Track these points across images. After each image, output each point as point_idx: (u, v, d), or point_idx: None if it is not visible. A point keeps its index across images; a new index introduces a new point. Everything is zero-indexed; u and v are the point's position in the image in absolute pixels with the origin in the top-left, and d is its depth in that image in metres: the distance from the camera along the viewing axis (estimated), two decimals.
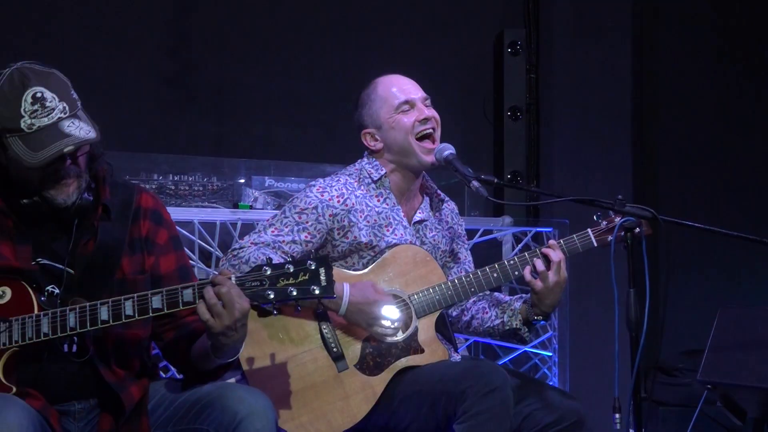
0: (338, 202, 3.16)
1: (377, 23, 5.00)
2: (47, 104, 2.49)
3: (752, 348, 3.89)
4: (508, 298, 3.32)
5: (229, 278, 2.50)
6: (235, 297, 2.48)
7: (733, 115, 5.46)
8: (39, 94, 2.49)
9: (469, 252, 3.49)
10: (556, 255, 3.09)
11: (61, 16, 4.38)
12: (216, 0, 4.73)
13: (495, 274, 3.15)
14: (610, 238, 3.08)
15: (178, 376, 2.88)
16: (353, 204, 3.18)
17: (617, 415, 2.89)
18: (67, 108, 2.52)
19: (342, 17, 4.93)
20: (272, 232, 3.10)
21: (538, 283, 3.09)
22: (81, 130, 2.51)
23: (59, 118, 2.50)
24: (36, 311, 2.51)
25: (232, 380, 3.10)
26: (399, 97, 3.23)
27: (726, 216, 4.91)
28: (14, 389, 2.46)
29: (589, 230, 3.17)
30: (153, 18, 4.58)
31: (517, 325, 3.21)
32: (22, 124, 2.47)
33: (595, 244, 3.16)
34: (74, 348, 2.58)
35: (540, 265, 3.09)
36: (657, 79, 5.44)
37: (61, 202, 2.57)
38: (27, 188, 2.57)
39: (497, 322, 3.26)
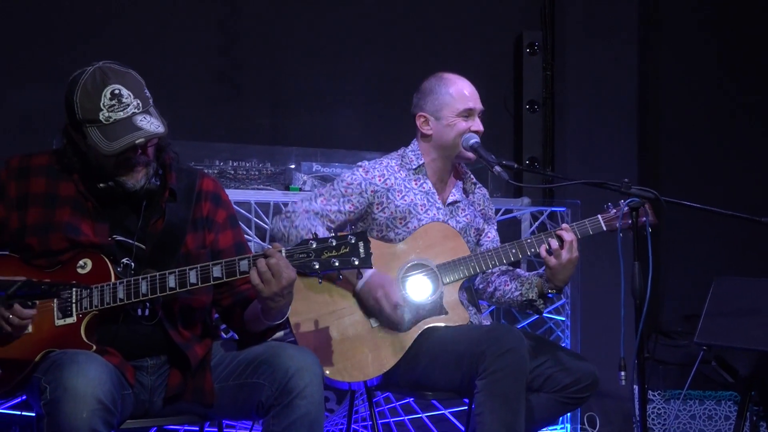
0: (379, 180, 3.21)
1: (412, 26, 4.98)
2: (123, 100, 2.50)
3: (744, 314, 3.86)
4: (527, 273, 3.32)
5: (279, 251, 2.50)
6: (283, 267, 2.48)
7: (728, 107, 5.40)
8: (117, 91, 2.50)
9: (497, 233, 3.48)
10: (568, 235, 3.09)
11: (136, 24, 4.39)
12: (266, 4, 4.71)
13: (513, 250, 3.16)
14: (617, 224, 3.09)
15: (237, 337, 2.89)
16: (392, 184, 3.22)
17: (623, 373, 2.88)
18: (140, 104, 2.52)
19: (380, 21, 4.91)
20: (321, 201, 3.15)
21: (552, 260, 3.08)
22: (151, 124, 2.51)
23: (133, 113, 2.51)
24: (113, 280, 2.53)
25: (281, 333, 3.15)
26: (467, 104, 3.23)
27: (722, 195, 4.85)
28: (94, 347, 2.48)
29: (599, 216, 3.17)
30: (210, 20, 4.58)
31: (533, 296, 3.20)
32: (101, 117, 2.48)
33: (604, 229, 3.16)
34: (146, 312, 2.60)
35: (554, 243, 3.09)
36: (660, 74, 5.39)
37: (131, 186, 2.58)
38: (103, 173, 2.58)
39: (516, 294, 3.25)
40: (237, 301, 2.74)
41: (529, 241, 3.16)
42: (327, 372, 2.97)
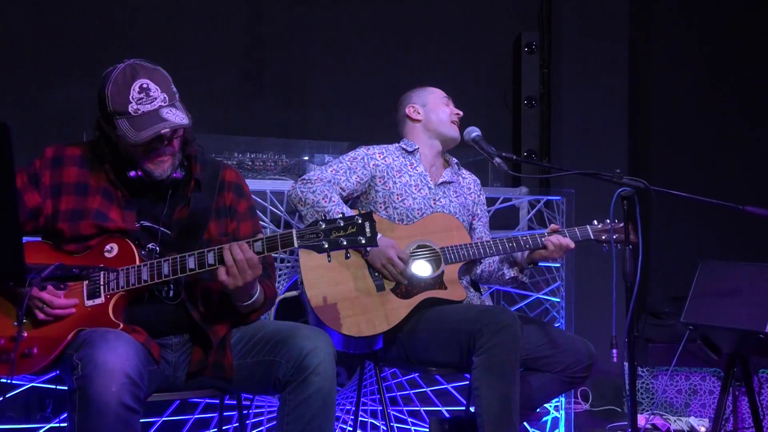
0: (379, 157, 3.33)
1: (418, 28, 4.97)
2: (151, 94, 2.49)
3: (727, 295, 3.85)
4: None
5: (250, 245, 2.49)
6: (248, 268, 2.48)
7: (713, 102, 5.38)
8: (145, 85, 2.49)
9: (486, 215, 3.56)
10: (566, 240, 3.17)
11: (167, 28, 4.38)
12: (283, 11, 4.70)
13: (511, 244, 3.21)
14: (603, 237, 3.22)
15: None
16: (390, 162, 3.33)
17: (614, 350, 2.87)
18: (167, 98, 2.51)
19: (388, 25, 4.90)
20: (331, 171, 3.24)
21: (549, 252, 3.17)
22: (177, 116, 2.50)
23: (160, 105, 2.49)
24: (138, 263, 2.52)
25: (294, 292, 3.33)
26: (444, 94, 3.47)
27: (707, 185, 4.84)
28: (121, 326, 2.48)
29: (587, 226, 3.25)
30: (233, 25, 4.57)
31: (515, 273, 3.30)
32: (130, 109, 2.47)
33: (591, 237, 3.24)
34: (170, 293, 2.60)
35: (553, 240, 3.17)
36: (648, 73, 5.37)
37: (158, 175, 2.57)
38: (132, 163, 2.57)
39: (500, 273, 3.34)
40: None
41: (524, 238, 3.21)
42: (342, 325, 3.02)
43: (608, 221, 3.21)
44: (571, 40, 5.10)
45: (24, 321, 2.45)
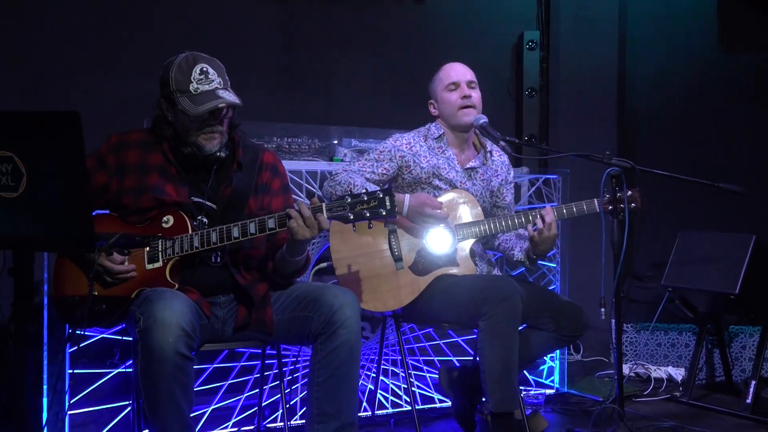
0: (406, 147, 3.20)
1: (432, 28, 4.93)
2: (209, 77, 2.52)
3: (703, 262, 3.83)
4: (525, 234, 3.23)
5: (320, 207, 2.49)
6: (322, 222, 2.49)
7: (693, 91, 5.31)
8: (204, 69, 2.53)
9: (512, 196, 3.42)
10: (548, 217, 3.00)
11: (215, 28, 4.38)
12: (312, 13, 4.67)
13: (519, 219, 3.11)
14: (597, 207, 3.04)
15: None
16: (417, 150, 3.21)
17: (603, 309, 2.85)
18: (221, 82, 2.55)
19: (406, 25, 4.86)
20: (359, 164, 3.17)
21: (536, 235, 3.02)
22: (231, 96, 2.54)
23: (216, 87, 2.52)
24: (190, 232, 2.53)
25: (324, 265, 3.33)
26: (450, 78, 3.23)
27: (687, 163, 4.77)
28: (177, 286, 2.50)
29: (583, 202, 3.10)
30: (271, 27, 4.56)
31: (523, 259, 3.19)
32: (191, 88, 2.50)
33: (586, 211, 3.05)
34: (218, 260, 2.61)
35: (539, 223, 3.01)
36: (635, 68, 5.29)
37: (208, 149, 2.58)
38: (187, 138, 2.57)
39: (510, 253, 3.25)
40: (273, 249, 2.72)
41: (533, 214, 3.09)
42: (365, 306, 2.99)
43: (603, 196, 3.09)
44: (568, 38, 5.05)
45: (94, 283, 2.48)
